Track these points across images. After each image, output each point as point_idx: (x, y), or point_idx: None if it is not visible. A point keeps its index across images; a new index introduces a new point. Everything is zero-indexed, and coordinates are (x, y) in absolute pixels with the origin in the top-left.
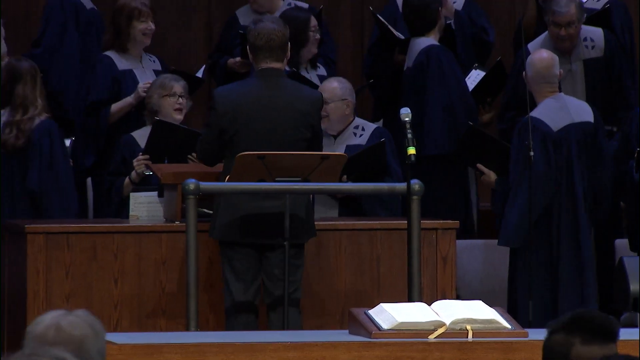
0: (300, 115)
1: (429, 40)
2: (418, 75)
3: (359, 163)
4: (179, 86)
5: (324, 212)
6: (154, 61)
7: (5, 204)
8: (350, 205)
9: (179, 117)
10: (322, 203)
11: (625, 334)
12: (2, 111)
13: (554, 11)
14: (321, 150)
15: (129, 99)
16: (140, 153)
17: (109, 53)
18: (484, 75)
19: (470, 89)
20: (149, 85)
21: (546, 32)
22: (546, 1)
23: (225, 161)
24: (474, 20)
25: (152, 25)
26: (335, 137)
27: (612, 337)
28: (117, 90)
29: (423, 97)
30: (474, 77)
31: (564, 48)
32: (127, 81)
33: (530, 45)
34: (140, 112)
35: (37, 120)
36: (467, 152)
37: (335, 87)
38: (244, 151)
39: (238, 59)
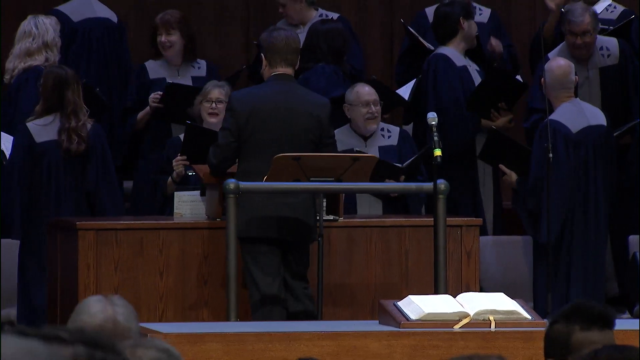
0: (311, 118)
1: (447, 49)
2: (423, 81)
3: (416, 165)
4: (215, 92)
5: (368, 209)
6: (198, 68)
7: (67, 204)
8: (395, 203)
9: (212, 120)
10: (367, 201)
11: (627, 324)
12: (47, 117)
13: (570, 21)
14: (334, 152)
15: (147, 108)
16: (179, 154)
17: (148, 62)
18: (481, 82)
19: None
20: (158, 95)
21: (564, 42)
22: (565, 12)
23: (239, 162)
24: (516, 63)
25: (163, 38)
26: (365, 139)
27: (610, 324)
28: (144, 98)
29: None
30: None
31: (580, 56)
32: (155, 89)
33: (550, 54)
34: (165, 119)
35: (88, 125)
36: (491, 154)
37: (374, 91)
38: (258, 150)
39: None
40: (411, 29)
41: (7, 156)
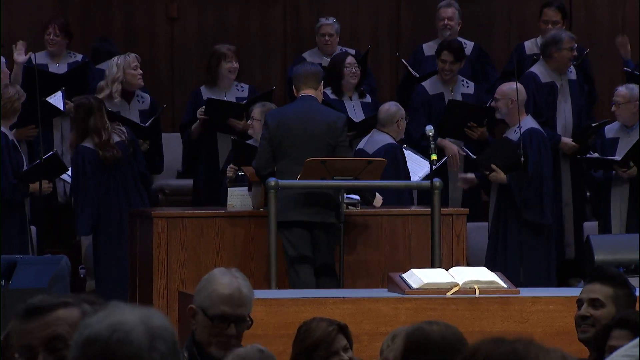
0: (327, 126)
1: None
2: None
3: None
4: (255, 111)
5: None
6: (242, 90)
7: (132, 196)
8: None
9: (250, 132)
10: None
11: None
12: (87, 140)
13: (572, 38)
14: (346, 152)
15: (198, 121)
16: (231, 164)
17: (202, 87)
18: (444, 112)
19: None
20: (203, 109)
21: (540, 61)
22: (550, 38)
23: (276, 164)
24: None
25: (235, 65)
26: None
27: (604, 278)
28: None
29: None
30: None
31: (567, 68)
32: None
33: (533, 68)
34: (213, 129)
35: (115, 136)
36: (489, 156)
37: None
38: (288, 153)
39: None
40: (403, 60)
41: (69, 180)
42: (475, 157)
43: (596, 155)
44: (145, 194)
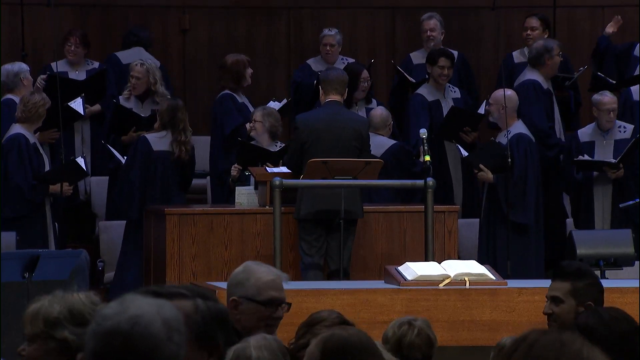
0: (353, 131)
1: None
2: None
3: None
4: (257, 114)
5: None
6: (242, 95)
7: (173, 196)
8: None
9: (253, 134)
10: None
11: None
12: (161, 132)
13: (559, 45)
14: (370, 157)
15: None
16: (235, 164)
17: (227, 92)
18: (445, 117)
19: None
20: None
21: (533, 70)
22: (541, 48)
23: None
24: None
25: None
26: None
27: (562, 275)
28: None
29: None
30: None
31: (554, 74)
32: (244, 110)
33: (529, 75)
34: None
35: (191, 141)
36: (477, 156)
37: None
38: (317, 156)
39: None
40: (400, 68)
41: (123, 162)
42: (466, 154)
43: (586, 157)
44: (179, 197)
